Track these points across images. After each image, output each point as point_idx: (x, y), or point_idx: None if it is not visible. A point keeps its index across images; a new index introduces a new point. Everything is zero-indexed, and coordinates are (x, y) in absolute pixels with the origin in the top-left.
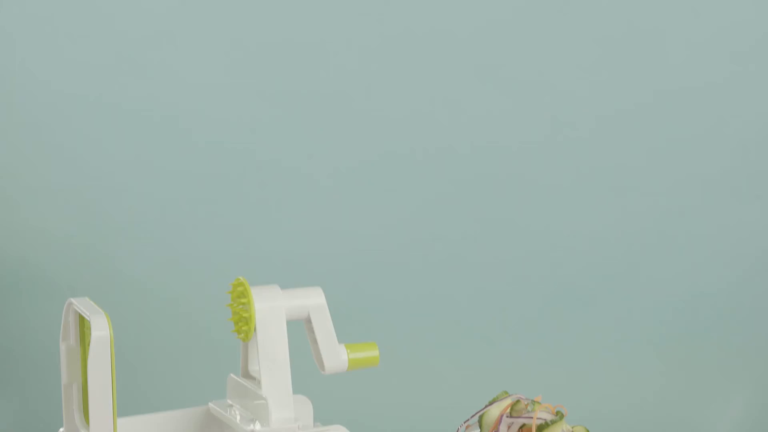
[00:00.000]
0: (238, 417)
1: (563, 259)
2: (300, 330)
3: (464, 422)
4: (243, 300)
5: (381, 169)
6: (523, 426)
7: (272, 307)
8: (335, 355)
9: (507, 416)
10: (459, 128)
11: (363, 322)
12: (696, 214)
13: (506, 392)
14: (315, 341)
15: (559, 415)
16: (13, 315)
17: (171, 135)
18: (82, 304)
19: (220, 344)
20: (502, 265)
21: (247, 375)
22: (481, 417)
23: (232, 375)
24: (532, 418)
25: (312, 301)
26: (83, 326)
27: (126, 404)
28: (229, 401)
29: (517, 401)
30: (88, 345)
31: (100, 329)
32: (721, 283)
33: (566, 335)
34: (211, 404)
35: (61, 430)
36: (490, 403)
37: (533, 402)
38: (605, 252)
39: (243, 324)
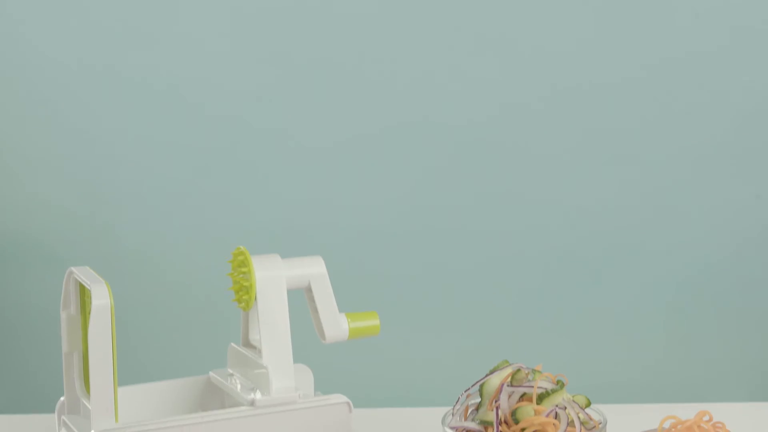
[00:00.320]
0: (239, 386)
1: (563, 231)
2: (300, 299)
3: (465, 391)
4: (243, 269)
5: (381, 139)
6: (523, 395)
7: (273, 276)
8: (336, 324)
9: (508, 385)
10: (459, 98)
11: (363, 292)
12: (696, 185)
13: (507, 361)
14: (315, 310)
15: (560, 384)
16: (14, 284)
17: (172, 105)
18: (83, 273)
19: (221, 313)
20: (502, 235)
21: (247, 344)
22: (481, 386)
23: (232, 344)
24: (532, 387)
25: (312, 270)
26: (84, 295)
27: (126, 373)
28: (230, 370)
29: (518, 370)
30: (89, 314)
31: (101, 298)
32: (722, 254)
33: (567, 305)
34: (211, 373)
35: (62, 399)
36: (491, 372)
37: (534, 371)
38: (606, 224)
39: (243, 293)
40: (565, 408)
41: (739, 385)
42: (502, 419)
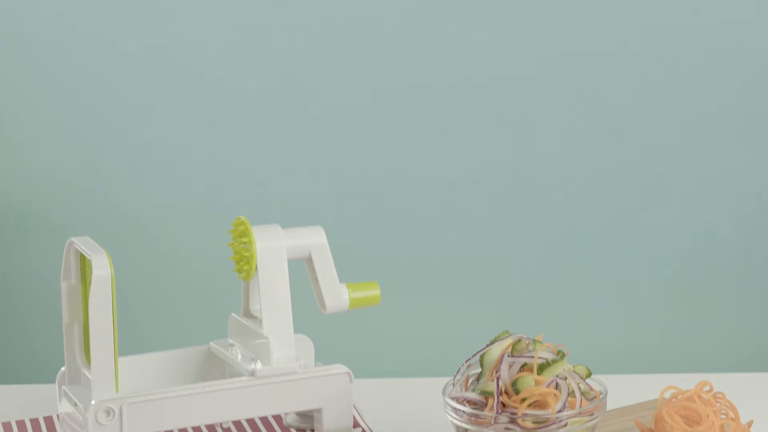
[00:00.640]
0: (240, 356)
1: (563, 201)
2: (301, 269)
3: (466, 362)
4: (244, 239)
5: (382, 108)
6: (524, 365)
7: (273, 247)
8: (336, 295)
9: (508, 355)
10: (460, 68)
11: (364, 262)
12: (696, 154)
13: (507, 332)
14: (316, 280)
15: (561, 355)
16: (14, 255)
17: (172, 74)
18: (83, 243)
19: (222, 283)
20: (503, 206)
21: (248, 314)
22: (482, 356)
23: (233, 314)
24: (533, 357)
25: (313, 240)
26: (84, 265)
27: (127, 343)
28: (230, 340)
29: (519, 341)
30: (89, 284)
31: (101, 268)
32: (723, 225)
33: (568, 275)
34: (212, 343)
35: (63, 369)
36: (492, 343)
37: (534, 341)
38: (606, 195)
39: (244, 263)
40: (566, 378)
41: (740, 356)
42: (503, 389)
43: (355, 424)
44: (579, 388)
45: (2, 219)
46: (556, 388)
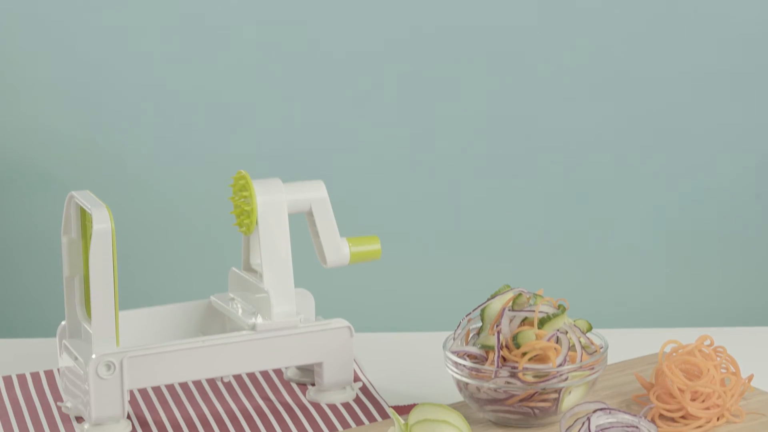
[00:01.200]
0: (240, 310)
1: (563, 156)
2: (302, 224)
3: (466, 316)
4: (244, 193)
5: (383, 62)
6: (525, 319)
7: (274, 201)
8: (337, 249)
9: (509, 310)
10: (460, 16)
11: (365, 216)
12: (697, 109)
13: (508, 286)
14: (317, 235)
15: (561, 309)
16: (14, 209)
17: (173, 27)
18: (84, 198)
19: (222, 238)
20: (502, 160)
21: (248, 268)
22: (483, 311)
23: (233, 268)
24: (533, 311)
25: (314, 194)
26: (85, 219)
27: (127, 297)
28: (231, 294)
29: (519, 295)
30: (90, 238)
31: (102, 222)
32: (724, 179)
33: (568, 230)
34: (212, 297)
35: (63, 323)
36: (492, 297)
37: (535, 296)
38: (607, 148)
39: (245, 217)
40: (567, 332)
41: (741, 310)
42: (503, 344)
43: (356, 378)
44: (579, 342)
45: (2, 174)
46: (557, 343)
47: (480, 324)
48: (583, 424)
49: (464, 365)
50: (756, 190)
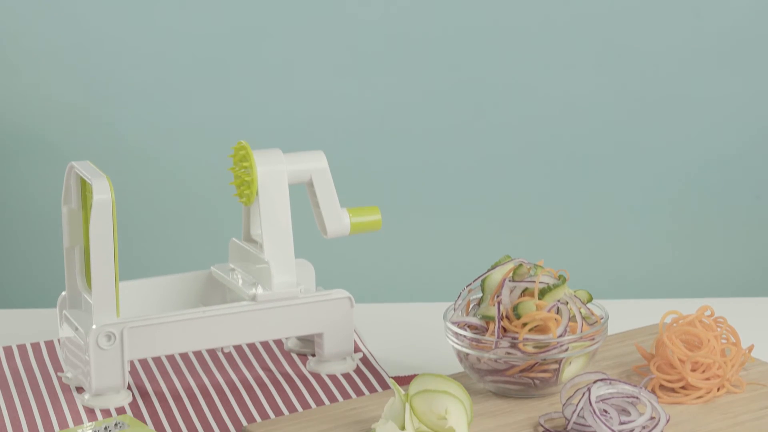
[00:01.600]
0: (240, 281)
1: (563, 125)
2: (302, 194)
3: (467, 286)
4: (245, 164)
5: (384, 31)
6: (525, 290)
7: (274, 171)
8: (337, 219)
9: (509, 280)
10: None
11: (365, 186)
12: (699, 78)
13: (509, 256)
14: (317, 205)
15: (562, 280)
16: (14, 179)
17: None
18: (84, 168)
19: (222, 208)
20: (505, 130)
21: (249, 239)
22: (483, 281)
23: (234, 239)
24: (534, 282)
25: (314, 164)
26: (85, 190)
27: (128, 268)
28: (231, 265)
29: (520, 265)
30: (90, 208)
31: (102, 192)
32: (725, 149)
33: (569, 200)
34: (213, 268)
35: (63, 293)
36: (493, 268)
37: (535, 266)
38: (608, 118)
39: (245, 188)
40: (567, 303)
41: (741, 281)
42: (504, 314)
43: (356, 349)
44: (580, 312)
45: (2, 144)
46: (557, 313)
47: (480, 295)
48: (584, 394)
49: (464, 336)
50: (757, 162)
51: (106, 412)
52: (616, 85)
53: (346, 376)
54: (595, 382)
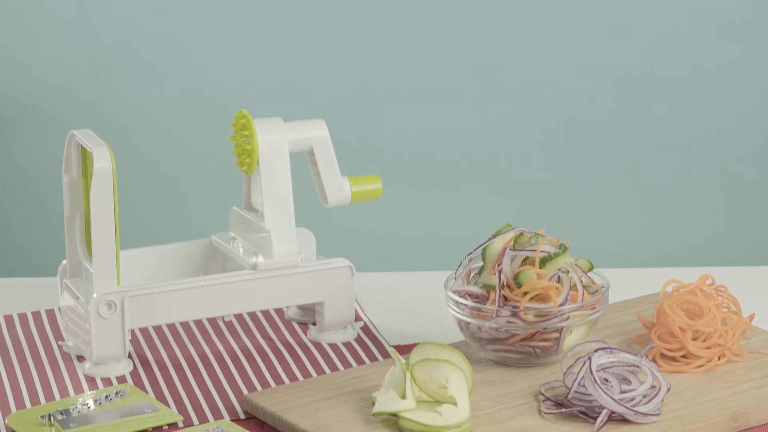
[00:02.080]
0: (241, 249)
1: (564, 93)
2: (303, 163)
3: (467, 255)
4: (246, 132)
5: (383, 1)
6: (526, 259)
7: (275, 140)
8: (338, 188)
9: (510, 249)
10: None
11: (366, 155)
12: (699, 45)
13: (509, 225)
14: (318, 174)
15: (563, 248)
16: (15, 148)
17: None
18: (84, 136)
19: (223, 177)
20: (506, 99)
21: (249, 208)
22: (484, 250)
23: (234, 208)
24: (535, 251)
25: (315, 133)
26: (85, 158)
27: (128, 237)
28: (232, 234)
29: (521, 234)
30: (91, 177)
31: (103, 161)
32: (725, 119)
33: (570, 169)
34: (213, 237)
35: (64, 262)
36: (494, 237)
37: (536, 235)
38: (609, 86)
39: (246, 156)
40: (568, 272)
41: (742, 250)
42: (505, 283)
43: (357, 318)
44: (581, 281)
45: (2, 112)
46: (558, 282)
47: (481, 263)
48: (584, 363)
49: (465, 305)
50: (758, 131)
51: (107, 381)
52: (616, 54)
53: (347, 344)
54: (595, 350)
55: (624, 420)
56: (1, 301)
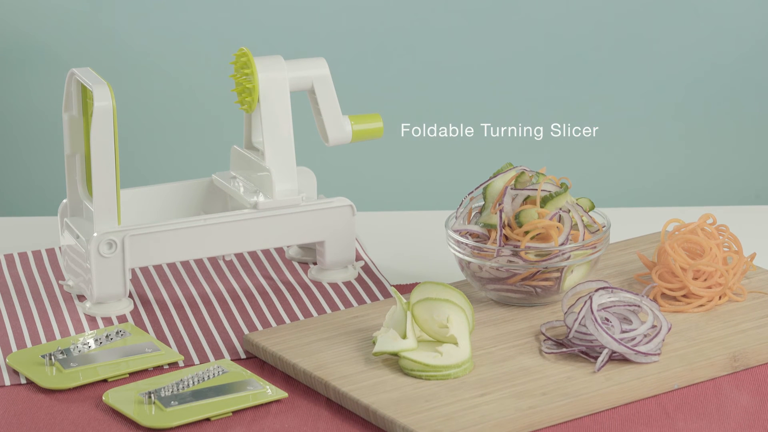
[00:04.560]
0: (242, 189)
1: (568, 29)
2: (304, 102)
3: (468, 194)
4: (246, 71)
5: None
6: (527, 198)
7: (276, 78)
8: (339, 127)
9: (511, 188)
10: None
11: (367, 94)
12: None
13: (510, 164)
14: (319, 112)
15: (564, 187)
16: (14, 87)
17: None
18: (85, 75)
19: (223, 115)
20: (506, 34)
21: (250, 146)
22: (485, 189)
23: (235, 146)
24: (536, 190)
25: (316, 71)
26: (86, 97)
27: (129, 176)
28: (233, 173)
29: (522, 173)
30: (91, 115)
31: (103, 99)
32: (731, 55)
33: (572, 108)
34: (214, 176)
35: (64, 201)
36: (495, 176)
37: (537, 174)
38: (613, 23)
39: (246, 95)
40: (569, 211)
41: (744, 190)
42: (506, 222)
43: (358, 257)
44: (582, 221)
45: (2, 51)
46: (559, 221)
47: (482, 203)
48: (585, 302)
49: (466, 244)
50: (763, 68)
51: (108, 320)
52: None
53: (348, 284)
54: (596, 290)
55: (625, 360)
56: (2, 241)
